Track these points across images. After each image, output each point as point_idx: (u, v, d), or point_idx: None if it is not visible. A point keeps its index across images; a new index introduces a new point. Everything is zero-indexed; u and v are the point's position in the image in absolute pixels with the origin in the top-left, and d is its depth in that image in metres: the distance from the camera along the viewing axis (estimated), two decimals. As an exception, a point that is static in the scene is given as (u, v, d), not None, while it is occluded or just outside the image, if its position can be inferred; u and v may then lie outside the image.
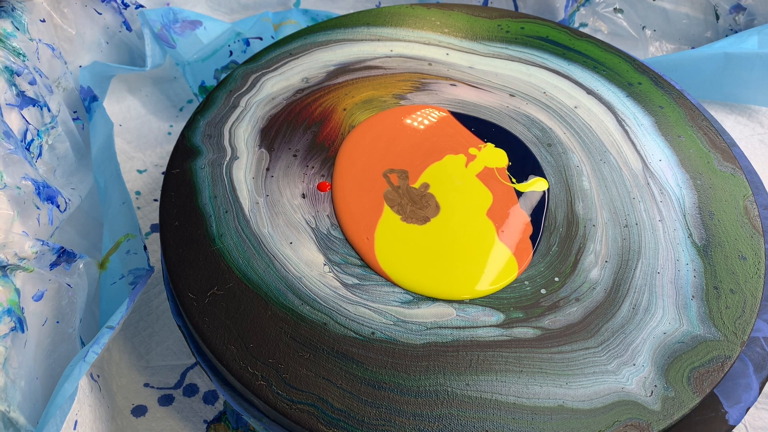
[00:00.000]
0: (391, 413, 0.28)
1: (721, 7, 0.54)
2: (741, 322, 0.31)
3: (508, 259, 0.33)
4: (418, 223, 0.34)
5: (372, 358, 0.29)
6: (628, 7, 0.55)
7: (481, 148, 0.37)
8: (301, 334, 0.30)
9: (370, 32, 0.44)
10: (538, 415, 0.28)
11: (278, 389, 0.28)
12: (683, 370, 0.29)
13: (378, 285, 0.32)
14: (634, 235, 0.34)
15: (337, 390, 0.28)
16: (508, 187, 0.36)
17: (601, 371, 0.29)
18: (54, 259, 0.34)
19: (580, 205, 0.35)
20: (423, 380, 0.29)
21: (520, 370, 0.29)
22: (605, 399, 0.28)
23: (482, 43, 0.44)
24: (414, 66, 0.42)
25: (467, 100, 0.40)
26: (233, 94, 0.40)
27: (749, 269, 0.32)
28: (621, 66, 0.43)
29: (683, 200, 0.35)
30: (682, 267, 0.33)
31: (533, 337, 0.30)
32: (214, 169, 0.36)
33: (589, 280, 0.32)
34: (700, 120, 0.39)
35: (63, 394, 0.29)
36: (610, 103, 0.40)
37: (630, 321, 0.31)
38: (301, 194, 0.35)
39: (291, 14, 0.54)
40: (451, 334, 0.30)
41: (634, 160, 0.37)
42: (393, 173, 0.36)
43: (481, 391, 0.28)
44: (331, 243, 0.33)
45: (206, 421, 0.36)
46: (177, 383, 0.38)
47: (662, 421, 0.28)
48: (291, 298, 0.31)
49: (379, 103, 0.40)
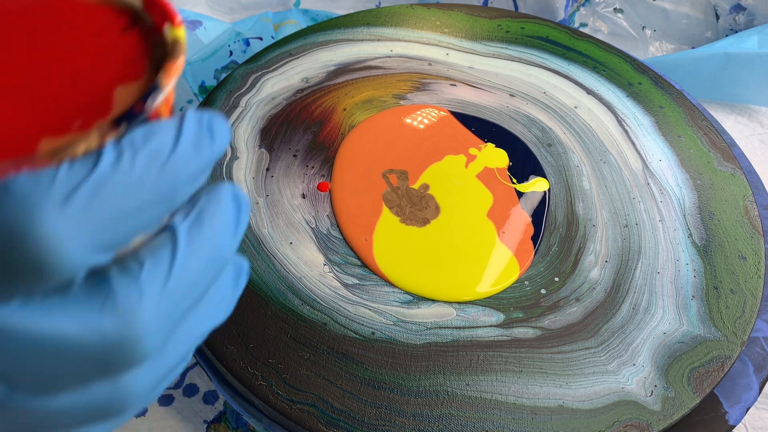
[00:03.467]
0: (391, 413, 0.28)
1: (721, 7, 0.54)
2: (741, 322, 0.31)
3: (509, 260, 0.33)
4: (418, 225, 0.34)
5: (372, 358, 0.29)
6: (628, 7, 0.55)
7: (482, 148, 0.37)
8: (301, 334, 0.30)
9: (370, 32, 0.44)
10: (538, 415, 0.28)
11: (278, 389, 0.28)
12: (683, 370, 0.29)
13: (378, 285, 0.32)
14: (634, 235, 0.34)
15: (337, 390, 0.28)
16: (508, 188, 0.36)
17: (601, 371, 0.29)
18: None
19: (580, 205, 0.35)
20: (423, 380, 0.29)
21: (520, 370, 0.29)
22: (605, 399, 0.28)
23: (482, 43, 0.44)
24: (414, 66, 0.42)
25: (467, 100, 0.40)
26: (233, 94, 0.40)
27: (749, 269, 0.32)
28: (621, 66, 0.43)
29: (683, 200, 0.35)
30: (682, 267, 0.33)
31: (533, 337, 0.30)
32: (214, 169, 0.36)
33: (589, 280, 0.32)
34: (700, 120, 0.39)
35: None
36: (610, 103, 0.40)
37: (630, 321, 0.31)
38: (301, 194, 0.35)
39: (291, 14, 0.54)
40: (451, 334, 0.30)
41: (634, 160, 0.37)
42: (392, 173, 0.36)
43: (481, 391, 0.28)
44: (331, 243, 0.33)
45: (206, 421, 0.36)
46: (177, 383, 0.38)
47: (662, 421, 0.28)
48: (291, 298, 0.31)
49: (379, 103, 0.40)
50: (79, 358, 0.12)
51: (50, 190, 0.11)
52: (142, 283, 0.12)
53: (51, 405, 0.13)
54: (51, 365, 0.12)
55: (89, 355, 0.12)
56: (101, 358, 0.12)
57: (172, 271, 0.13)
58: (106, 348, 0.12)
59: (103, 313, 0.12)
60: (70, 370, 0.12)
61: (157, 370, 0.14)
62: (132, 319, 0.12)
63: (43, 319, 0.12)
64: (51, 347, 0.12)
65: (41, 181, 0.11)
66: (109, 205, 0.12)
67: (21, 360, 0.12)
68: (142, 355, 0.13)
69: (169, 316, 0.13)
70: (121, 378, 0.13)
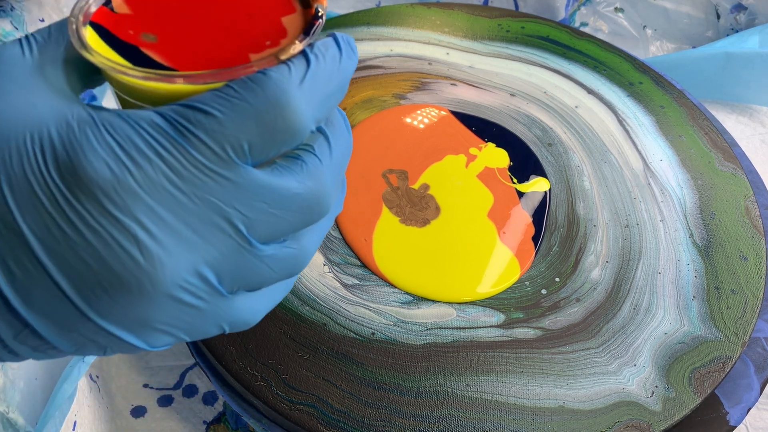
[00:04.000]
0: (391, 414, 0.28)
1: (722, 6, 0.54)
2: (742, 323, 0.30)
3: (509, 260, 0.33)
4: (418, 226, 0.34)
5: (372, 358, 0.29)
6: (629, 7, 0.55)
7: (482, 147, 0.37)
8: (300, 334, 0.30)
9: (370, 32, 0.44)
10: (538, 416, 0.28)
11: (278, 390, 0.28)
12: (684, 370, 0.29)
13: (378, 285, 0.32)
14: (635, 236, 0.34)
15: (337, 390, 0.28)
16: (509, 188, 0.36)
17: (601, 372, 0.29)
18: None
19: (580, 205, 0.35)
20: (423, 381, 0.29)
21: (520, 370, 0.29)
22: (606, 399, 0.28)
23: (483, 42, 0.44)
24: (414, 65, 0.42)
25: (468, 100, 0.40)
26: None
27: (750, 269, 0.32)
28: (622, 65, 0.43)
29: (684, 200, 0.35)
30: (683, 267, 0.32)
31: (534, 337, 0.30)
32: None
33: (590, 281, 0.32)
34: (701, 120, 0.39)
35: (62, 395, 0.29)
36: (610, 103, 0.40)
37: (631, 321, 0.31)
38: (300, 194, 0.35)
39: (291, 14, 0.54)
40: (452, 335, 0.30)
41: (635, 160, 0.37)
42: (392, 173, 0.36)
43: (482, 392, 0.28)
44: (330, 243, 0.33)
45: (206, 422, 0.36)
46: (176, 384, 0.38)
47: (663, 421, 0.28)
48: (291, 298, 0.31)
49: (379, 102, 0.40)
50: (294, 207, 0.17)
51: (291, 77, 0.16)
52: (322, 158, 0.18)
53: (269, 251, 0.17)
54: (276, 215, 0.17)
55: (300, 205, 0.17)
56: (306, 207, 0.17)
57: (332, 153, 0.18)
58: (310, 200, 0.17)
59: (305, 178, 0.17)
60: (287, 220, 0.17)
61: (320, 231, 0.20)
62: (321, 180, 0.18)
63: (279, 179, 0.17)
64: (280, 196, 0.17)
65: (284, 71, 0.16)
66: (320, 89, 0.17)
67: (261, 206, 0.16)
68: (326, 209, 0.18)
69: (335, 180, 0.19)
70: (302, 237, 0.19)
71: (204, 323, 0.17)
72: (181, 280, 0.16)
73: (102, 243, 0.15)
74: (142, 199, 0.15)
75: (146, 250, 0.15)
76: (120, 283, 0.15)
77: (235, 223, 0.16)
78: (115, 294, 0.15)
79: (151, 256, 0.15)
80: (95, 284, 0.15)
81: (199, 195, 0.16)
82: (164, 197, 0.15)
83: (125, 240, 0.15)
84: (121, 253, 0.15)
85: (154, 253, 0.15)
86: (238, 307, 0.18)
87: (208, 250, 0.16)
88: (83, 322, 0.16)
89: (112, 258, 0.15)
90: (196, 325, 0.17)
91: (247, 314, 0.19)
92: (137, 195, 0.15)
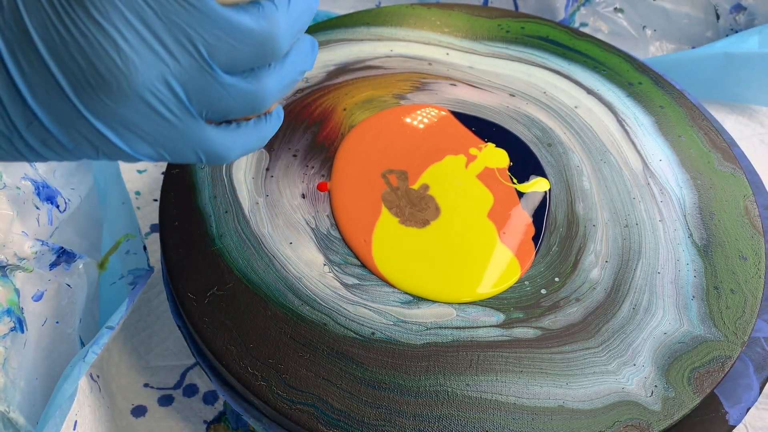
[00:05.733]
0: (391, 414, 0.28)
1: (721, 6, 0.54)
2: (741, 323, 0.30)
3: (509, 260, 0.33)
4: (418, 226, 0.34)
5: (372, 358, 0.29)
6: (629, 7, 0.55)
7: (482, 148, 0.37)
8: (301, 334, 0.30)
9: (370, 32, 0.44)
10: (538, 416, 0.28)
11: (278, 389, 0.28)
12: (684, 370, 0.29)
13: (378, 285, 0.32)
14: (635, 235, 0.34)
15: (337, 390, 0.28)
16: (509, 188, 0.36)
17: (601, 371, 0.29)
18: (53, 260, 0.34)
19: (580, 205, 0.35)
20: (423, 381, 0.29)
21: (520, 370, 0.29)
22: (605, 399, 0.28)
23: (482, 42, 0.44)
24: (414, 66, 0.42)
25: (467, 100, 0.40)
26: (233, 94, 0.40)
27: (750, 269, 0.32)
28: (621, 66, 0.43)
29: (684, 200, 0.35)
30: (683, 267, 0.32)
31: (533, 337, 0.30)
32: (213, 169, 0.36)
33: (590, 280, 0.32)
34: (700, 120, 0.39)
35: (62, 395, 0.29)
36: (610, 103, 0.40)
37: (630, 321, 0.31)
38: (300, 194, 0.35)
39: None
40: (451, 335, 0.30)
41: (635, 160, 0.37)
42: (392, 174, 0.36)
43: (482, 392, 0.28)
44: (330, 243, 0.33)
45: (206, 422, 0.36)
46: (177, 383, 0.38)
47: (663, 421, 0.28)
48: (291, 298, 0.31)
49: (379, 102, 0.40)
50: (248, 41, 0.20)
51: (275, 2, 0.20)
52: (279, 6, 0.20)
53: (230, 80, 0.20)
54: (233, 45, 0.19)
55: (255, 40, 0.20)
56: (260, 42, 0.20)
57: (290, 4, 0.20)
58: (263, 36, 0.20)
59: (260, 18, 0.20)
60: (243, 52, 0.20)
61: (280, 78, 0.22)
62: (275, 23, 0.20)
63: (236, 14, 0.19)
64: (236, 28, 0.19)
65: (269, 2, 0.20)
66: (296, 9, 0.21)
67: (219, 34, 0.19)
68: (279, 50, 0.21)
69: (290, 29, 0.21)
70: (262, 76, 0.21)
71: (179, 142, 0.20)
72: (152, 86, 0.19)
73: (89, 45, 0.18)
74: (120, 10, 0.18)
75: (123, 54, 0.18)
76: (103, 81, 0.18)
77: (197, 44, 0.19)
78: (100, 91, 0.19)
79: (127, 59, 0.18)
80: (85, 82, 0.18)
81: (167, 15, 0.18)
82: (138, 11, 0.18)
83: (107, 44, 0.18)
84: (103, 54, 0.18)
85: (130, 57, 0.18)
86: (210, 136, 0.21)
87: (175, 65, 0.19)
88: (78, 118, 0.19)
89: (97, 59, 0.18)
90: (172, 141, 0.20)
91: (219, 146, 0.21)
92: (116, 5, 0.18)
